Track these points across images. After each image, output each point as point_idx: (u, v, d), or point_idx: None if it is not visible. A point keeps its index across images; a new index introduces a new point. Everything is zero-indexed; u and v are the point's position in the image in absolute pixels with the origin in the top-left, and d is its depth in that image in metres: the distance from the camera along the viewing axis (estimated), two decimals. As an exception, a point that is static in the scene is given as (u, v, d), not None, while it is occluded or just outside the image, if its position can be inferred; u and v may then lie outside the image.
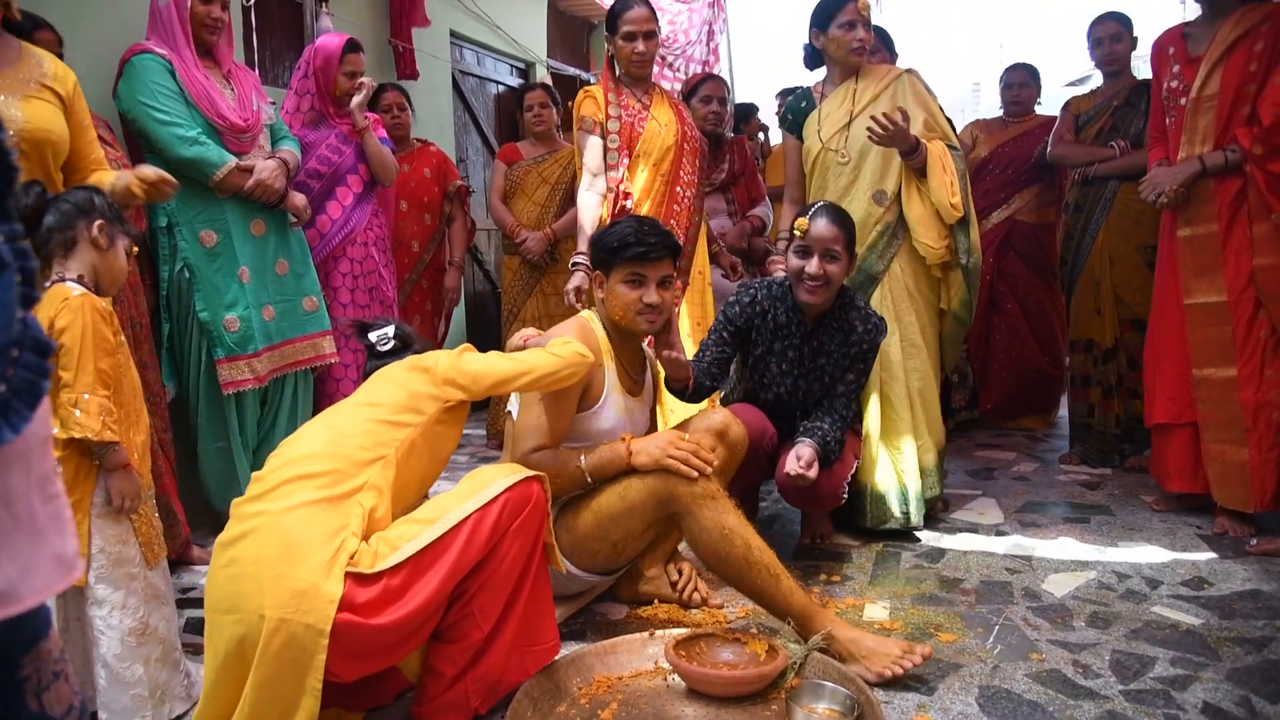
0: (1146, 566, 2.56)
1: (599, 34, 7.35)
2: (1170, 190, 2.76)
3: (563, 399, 2.15)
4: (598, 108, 3.01)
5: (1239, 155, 2.64)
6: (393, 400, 1.81)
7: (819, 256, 2.52)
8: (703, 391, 2.61)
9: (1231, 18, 2.69)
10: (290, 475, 1.63)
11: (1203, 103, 2.73)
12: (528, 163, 4.28)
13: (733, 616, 2.29)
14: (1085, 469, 3.62)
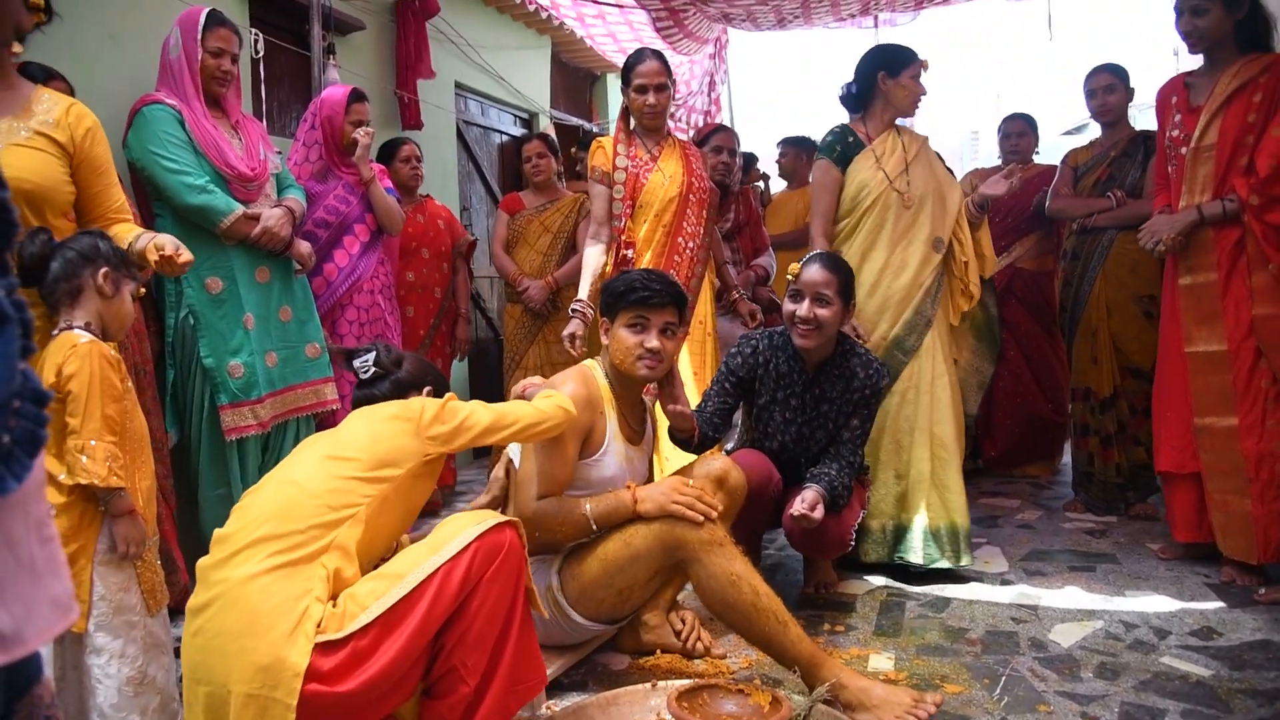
0: (1154, 616, 2.53)
1: (601, 85, 7.46)
2: (1168, 238, 2.78)
3: (564, 447, 2.15)
4: (606, 158, 3.07)
5: (1237, 205, 2.66)
6: (369, 453, 1.72)
7: (810, 300, 2.55)
8: (706, 443, 2.62)
9: (1231, 69, 2.73)
10: (251, 538, 1.58)
11: (1202, 152, 2.76)
12: (530, 212, 4.32)
13: (736, 667, 2.26)
14: (1090, 516, 3.60)
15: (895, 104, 3.05)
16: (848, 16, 5.27)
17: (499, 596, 1.68)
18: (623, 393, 2.35)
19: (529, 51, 6.21)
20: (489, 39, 5.61)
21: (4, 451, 0.71)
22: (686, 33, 5.29)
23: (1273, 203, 2.59)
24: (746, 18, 5.10)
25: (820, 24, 5.38)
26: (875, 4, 4.98)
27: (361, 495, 1.67)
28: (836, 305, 2.56)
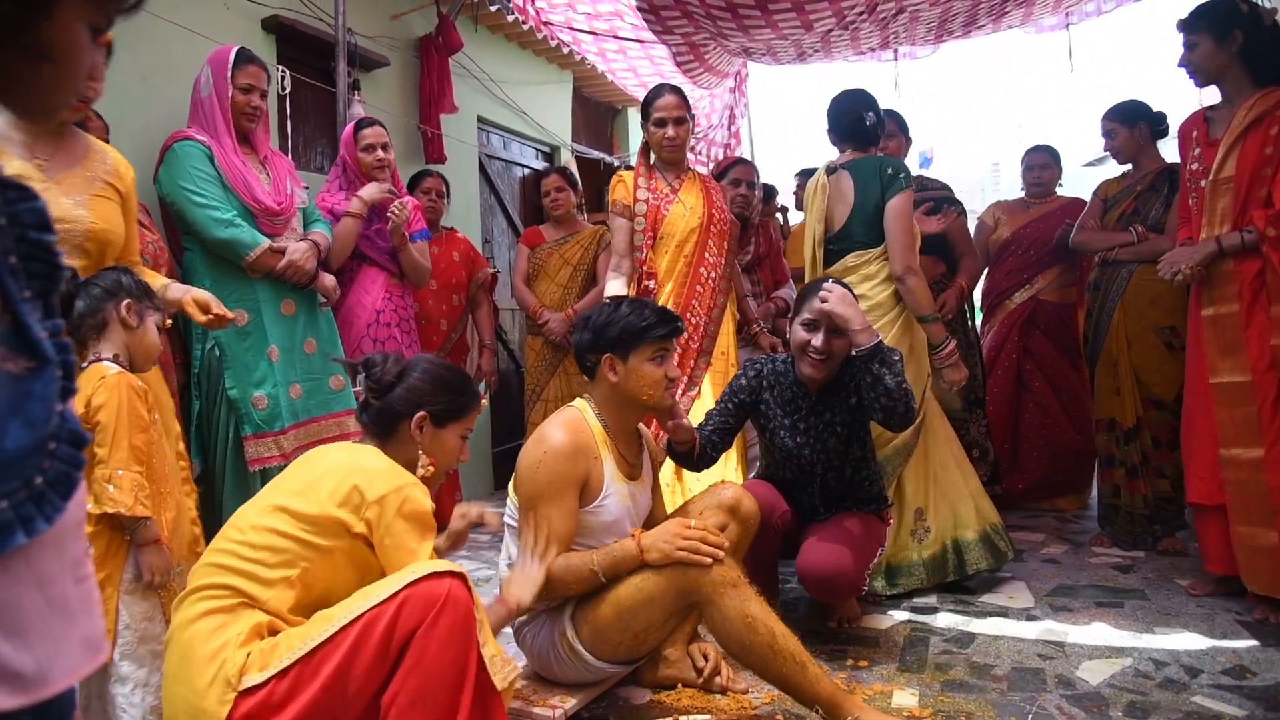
0: (1185, 654, 2.48)
1: (622, 119, 7.54)
2: (1187, 269, 2.77)
3: (564, 501, 2.13)
4: (627, 192, 3.10)
5: (1255, 237, 2.65)
6: (309, 512, 1.65)
7: (825, 331, 2.54)
8: (705, 460, 2.62)
9: (1247, 102, 2.73)
10: (199, 582, 1.61)
11: (1220, 185, 2.76)
12: (550, 245, 4.37)
13: (758, 702, 2.24)
14: (1117, 551, 3.55)
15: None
16: (867, 50, 5.30)
17: (440, 655, 1.54)
18: (618, 430, 2.32)
19: (551, 86, 6.29)
20: (511, 74, 5.70)
21: (36, 493, 0.72)
22: (707, 67, 5.34)
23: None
24: (766, 52, 5.14)
25: (840, 57, 5.42)
26: (895, 37, 5.01)
27: (299, 558, 1.62)
28: (849, 338, 2.56)
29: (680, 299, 3.02)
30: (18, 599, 0.72)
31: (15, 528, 0.70)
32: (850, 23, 4.45)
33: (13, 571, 0.72)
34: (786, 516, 2.66)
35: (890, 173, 2.99)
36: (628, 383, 2.26)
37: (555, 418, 2.28)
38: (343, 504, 1.65)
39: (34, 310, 0.74)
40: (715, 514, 2.34)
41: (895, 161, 3.06)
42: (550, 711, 2.08)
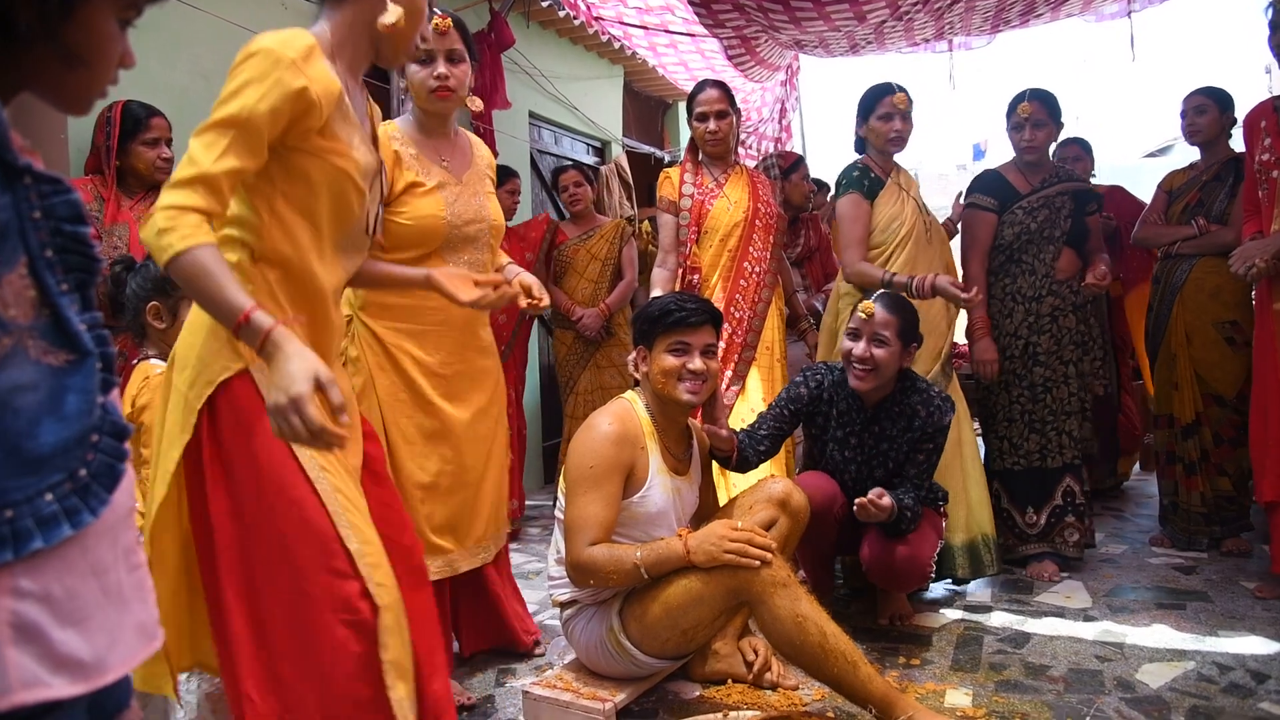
0: (1251, 658, 2.42)
1: (673, 113, 7.53)
2: (1261, 262, 2.68)
3: (608, 488, 2.15)
4: (673, 188, 3.10)
5: None
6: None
7: (867, 339, 2.51)
8: (746, 465, 2.59)
9: None
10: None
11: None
12: (574, 241, 4.41)
13: (809, 699, 2.23)
14: (1177, 552, 3.46)
15: (874, 146, 3.13)
16: (921, 41, 5.22)
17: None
18: (665, 423, 2.32)
19: (602, 81, 6.31)
20: (562, 69, 5.72)
21: (80, 485, 0.74)
22: (758, 60, 5.30)
23: None
24: (819, 44, 5.09)
25: (894, 49, 5.35)
26: (950, 27, 4.93)
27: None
28: (895, 347, 2.52)
29: (724, 293, 3.01)
30: (75, 588, 0.73)
31: (61, 520, 0.72)
32: (904, 13, 4.38)
33: (69, 561, 0.73)
34: (844, 508, 2.64)
35: (840, 179, 3.17)
36: (653, 375, 2.27)
37: (606, 408, 2.31)
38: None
39: (72, 303, 0.75)
40: (765, 508, 2.33)
41: (848, 167, 3.17)
42: (599, 704, 2.09)
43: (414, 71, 2.21)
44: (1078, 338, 3.24)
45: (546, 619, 2.88)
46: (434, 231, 2.19)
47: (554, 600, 2.34)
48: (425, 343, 2.24)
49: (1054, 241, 3.21)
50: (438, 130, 2.30)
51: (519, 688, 2.29)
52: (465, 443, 2.29)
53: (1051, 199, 3.22)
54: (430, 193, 2.20)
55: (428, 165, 2.24)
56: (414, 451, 2.24)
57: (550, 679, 2.25)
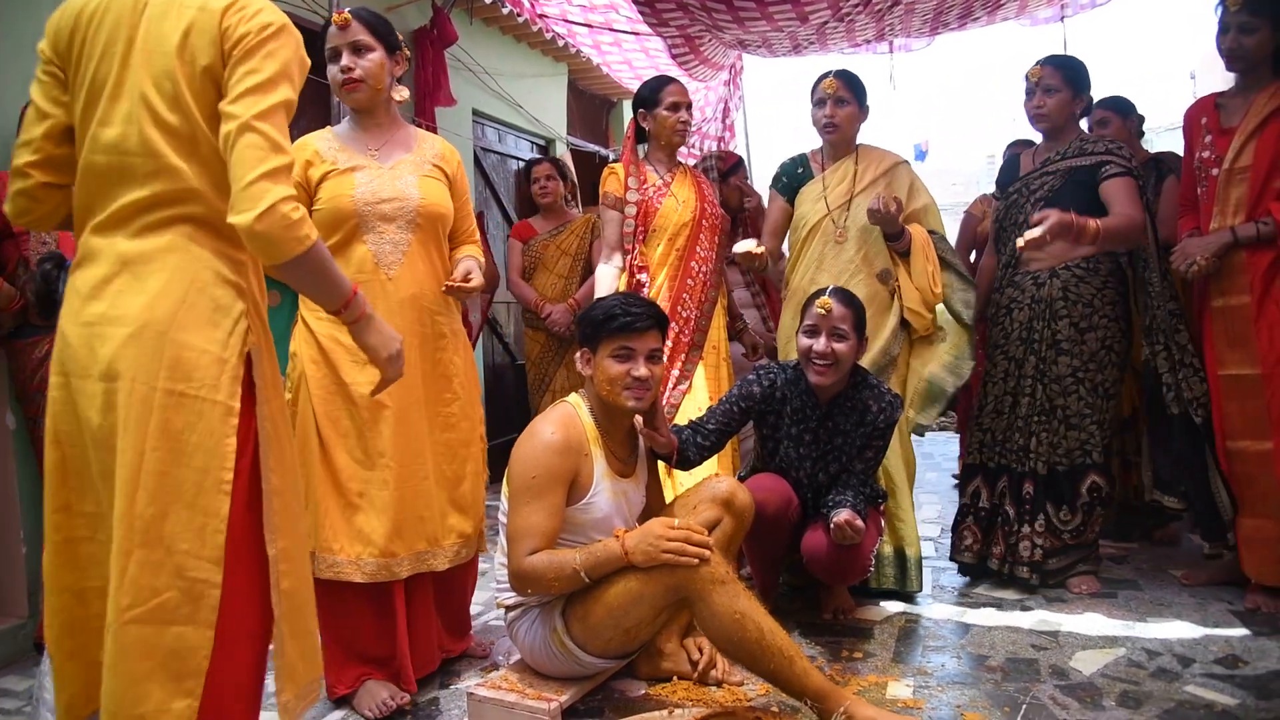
0: (1178, 643, 2.50)
1: (618, 112, 7.53)
2: (1202, 260, 2.74)
3: (550, 498, 2.13)
4: (619, 184, 3.08)
5: (1271, 228, 2.63)
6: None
7: (826, 335, 2.54)
8: (687, 462, 2.58)
9: (1267, 90, 2.70)
10: None
11: (1235, 174, 2.73)
12: (544, 237, 4.37)
13: (753, 694, 2.24)
14: (1110, 542, 3.55)
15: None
16: (863, 42, 5.29)
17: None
18: (610, 427, 2.31)
19: (546, 79, 6.28)
20: (506, 66, 5.69)
21: None
22: (702, 59, 5.33)
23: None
24: (761, 44, 5.13)
25: (835, 49, 5.41)
26: (890, 29, 5.00)
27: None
28: (853, 340, 2.56)
29: (671, 292, 3.01)
30: None
31: None
32: (845, 14, 4.44)
33: None
34: (798, 511, 2.67)
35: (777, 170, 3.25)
36: (596, 379, 2.25)
37: (548, 413, 2.28)
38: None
39: None
40: (709, 508, 2.34)
41: (786, 160, 3.22)
42: (545, 705, 2.08)
43: (329, 71, 2.28)
44: (1024, 334, 2.98)
45: (492, 620, 2.86)
46: (342, 211, 2.20)
47: (499, 602, 2.33)
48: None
49: (1019, 227, 2.98)
50: (368, 124, 2.32)
51: (464, 689, 2.27)
52: (406, 440, 2.24)
53: (1030, 180, 3.05)
54: (342, 174, 2.24)
55: (351, 155, 2.27)
56: (347, 445, 2.21)
57: (495, 680, 2.23)
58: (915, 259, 2.93)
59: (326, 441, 2.20)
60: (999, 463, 3.05)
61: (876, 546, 2.70)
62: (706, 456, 2.64)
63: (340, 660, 2.25)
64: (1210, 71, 4.74)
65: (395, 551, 2.20)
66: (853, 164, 3.06)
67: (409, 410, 2.25)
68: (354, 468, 2.21)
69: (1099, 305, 2.91)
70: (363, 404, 2.20)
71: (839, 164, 3.08)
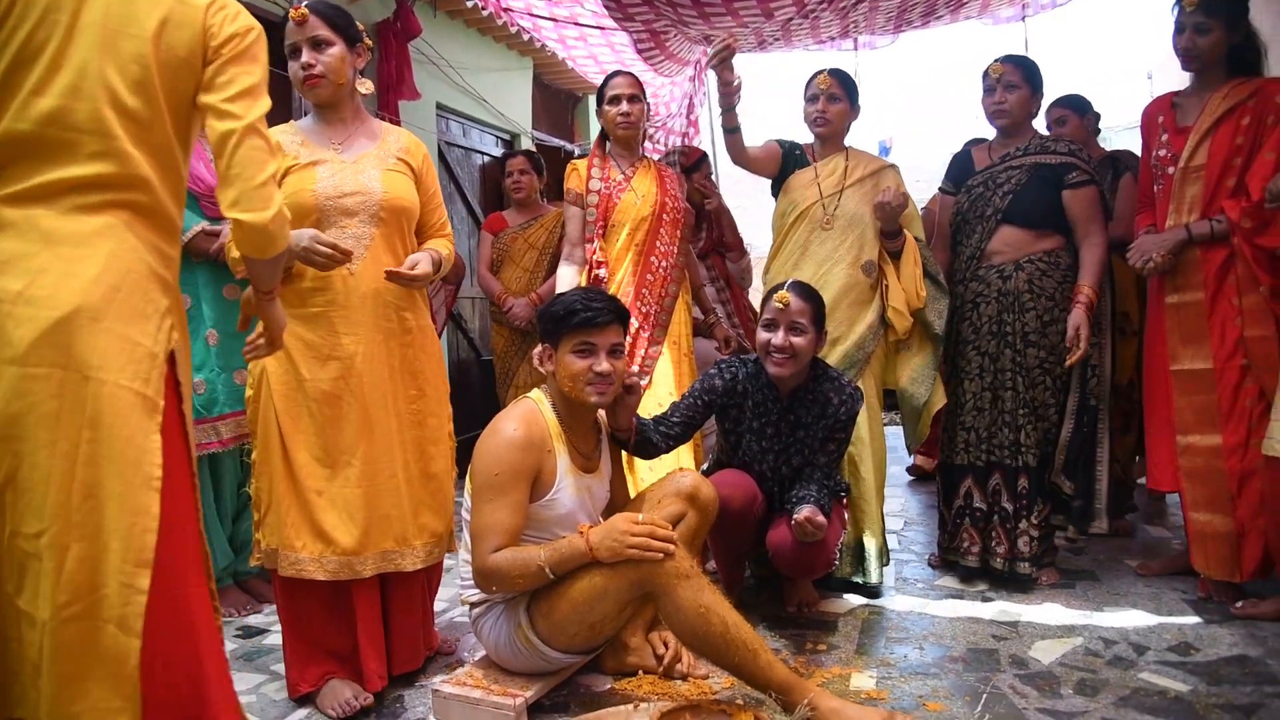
0: (1133, 632, 2.55)
1: (583, 107, 7.51)
2: (1158, 257, 2.78)
3: (513, 494, 2.12)
4: (580, 180, 3.09)
5: (1225, 226, 2.68)
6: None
7: (784, 328, 2.55)
8: (648, 447, 2.57)
9: (1220, 91, 2.75)
10: None
11: (1190, 173, 2.77)
12: (514, 230, 4.36)
13: (718, 687, 2.25)
14: (1070, 534, 3.61)
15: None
16: (827, 39, 5.32)
17: None
18: (573, 422, 2.30)
19: (511, 73, 6.25)
20: (470, 60, 5.64)
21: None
22: (668, 54, 5.33)
23: (1264, 225, 2.61)
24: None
25: (800, 46, 5.44)
26: (854, 26, 5.04)
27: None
28: (811, 334, 2.57)
29: (631, 287, 3.01)
30: None
31: None
32: (810, 11, 4.46)
33: None
34: (763, 507, 2.68)
35: None
36: (559, 375, 2.25)
37: (510, 409, 2.27)
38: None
39: None
40: (674, 502, 2.35)
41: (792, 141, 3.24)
42: (510, 700, 2.08)
43: (290, 67, 2.26)
44: (995, 328, 2.98)
45: (456, 616, 2.85)
46: (303, 206, 2.18)
47: (463, 599, 2.32)
48: (317, 327, 2.19)
49: (984, 220, 3.02)
50: (331, 118, 2.31)
51: (429, 686, 2.25)
52: (373, 437, 2.22)
53: (995, 174, 3.04)
54: (303, 169, 2.22)
55: (314, 149, 2.25)
56: (308, 443, 2.19)
57: (460, 676, 2.22)
58: (905, 262, 2.96)
59: (288, 439, 2.18)
60: (989, 460, 3.03)
61: (841, 539, 2.72)
62: (672, 446, 2.63)
63: (303, 658, 2.23)
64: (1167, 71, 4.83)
65: (359, 550, 2.18)
66: (844, 160, 3.08)
67: (375, 407, 2.23)
68: (314, 466, 2.18)
69: (1059, 299, 2.95)
70: (325, 401, 2.18)
71: (830, 159, 3.10)
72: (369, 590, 2.25)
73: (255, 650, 2.64)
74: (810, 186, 3.08)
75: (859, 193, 3.01)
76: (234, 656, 2.59)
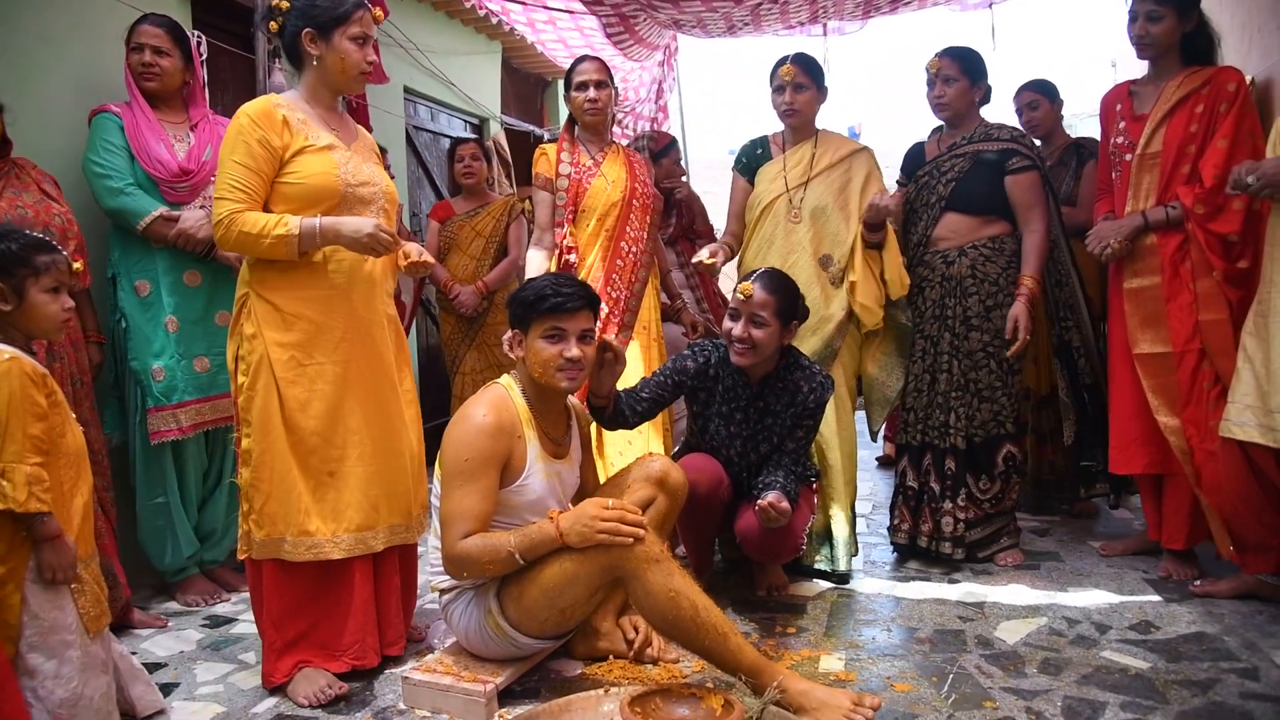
0: (1095, 611, 2.59)
1: (552, 91, 7.46)
2: (1115, 243, 2.83)
3: (483, 480, 2.12)
4: (550, 165, 3.07)
5: (1180, 212, 2.72)
6: None
7: (745, 320, 2.56)
8: (620, 420, 2.59)
9: (1175, 79, 2.79)
10: None
11: (1147, 160, 2.82)
12: (461, 217, 4.36)
13: (688, 671, 2.27)
14: (1032, 515, 3.66)
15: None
16: (797, 24, 5.33)
17: None
18: (543, 408, 2.29)
19: (479, 57, 6.19)
20: (438, 44, 5.58)
21: None
22: (637, 38, 5.31)
23: (1217, 211, 2.66)
24: (696, 24, 5.13)
25: (770, 31, 5.44)
26: (824, 12, 5.04)
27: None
28: (773, 326, 2.56)
29: (601, 273, 3.00)
30: None
31: None
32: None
33: None
34: (729, 491, 2.69)
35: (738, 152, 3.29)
36: (529, 360, 2.24)
37: (480, 394, 2.26)
38: None
39: None
40: (643, 487, 2.35)
41: (747, 141, 3.28)
42: (480, 686, 2.07)
43: (350, 52, 2.25)
44: (937, 312, 3.04)
45: (426, 603, 2.84)
46: (329, 189, 2.20)
47: (433, 586, 2.31)
48: (330, 310, 2.22)
49: (929, 208, 3.08)
50: (327, 103, 2.32)
51: (398, 673, 2.25)
52: (382, 416, 2.29)
53: (940, 163, 3.10)
54: (321, 151, 2.21)
55: (317, 130, 2.25)
56: (318, 426, 2.20)
57: (430, 663, 2.21)
58: (890, 252, 2.99)
59: (295, 424, 2.19)
60: (922, 440, 3.11)
61: (809, 525, 2.74)
62: (637, 422, 2.65)
63: (279, 649, 2.22)
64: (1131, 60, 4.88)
65: (372, 524, 2.25)
66: (812, 148, 3.08)
67: (382, 387, 2.30)
68: (326, 449, 2.21)
69: (1003, 284, 3.01)
70: (337, 382, 2.22)
71: (799, 146, 3.10)
72: (366, 568, 2.29)
73: (223, 640, 2.62)
74: (777, 179, 3.09)
75: (826, 182, 3.02)
76: (201, 646, 2.56)
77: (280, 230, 2.11)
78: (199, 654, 2.52)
